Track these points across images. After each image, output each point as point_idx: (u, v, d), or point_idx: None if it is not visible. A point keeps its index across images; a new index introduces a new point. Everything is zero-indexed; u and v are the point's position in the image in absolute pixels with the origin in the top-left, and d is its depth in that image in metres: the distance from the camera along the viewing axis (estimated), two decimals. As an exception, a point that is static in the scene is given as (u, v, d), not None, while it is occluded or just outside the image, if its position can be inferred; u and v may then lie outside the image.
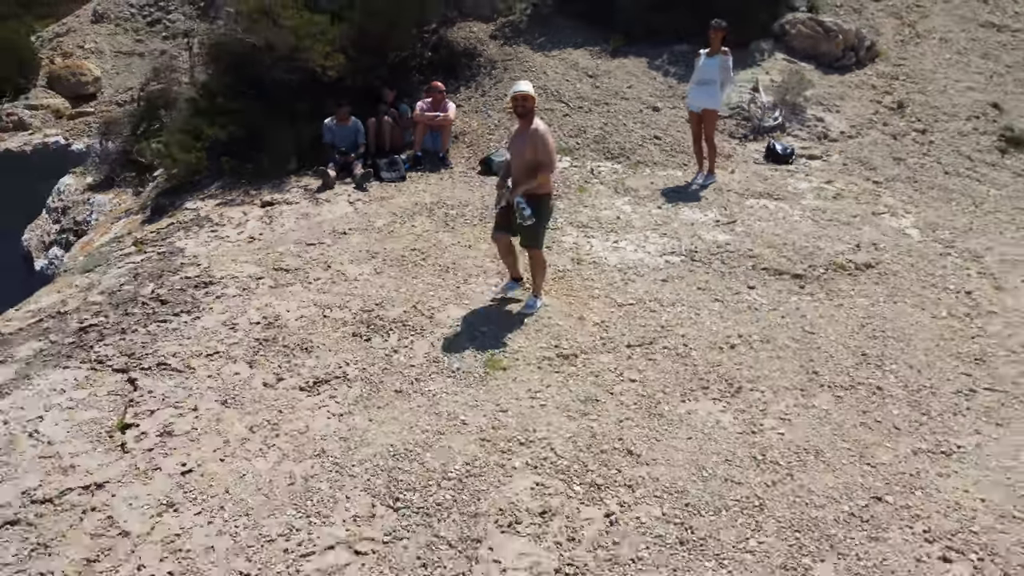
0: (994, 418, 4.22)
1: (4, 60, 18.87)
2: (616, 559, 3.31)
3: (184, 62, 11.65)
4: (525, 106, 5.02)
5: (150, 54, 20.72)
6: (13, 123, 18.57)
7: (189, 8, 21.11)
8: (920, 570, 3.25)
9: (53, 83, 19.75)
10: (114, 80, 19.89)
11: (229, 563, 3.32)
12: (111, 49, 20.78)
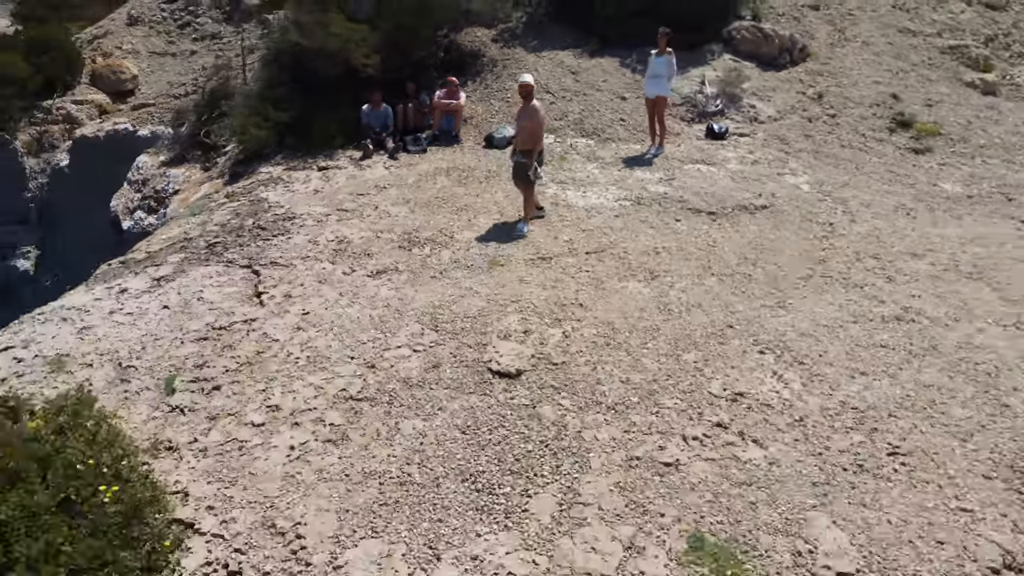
0: (816, 290, 6.68)
1: (54, 60, 21.52)
2: (567, 351, 5.76)
3: (237, 62, 14.09)
4: (527, 91, 7.52)
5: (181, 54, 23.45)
6: (63, 116, 21.28)
7: (216, 12, 23.80)
8: (746, 357, 5.70)
9: (95, 80, 22.47)
10: (150, 78, 22.59)
11: (340, 353, 5.78)
12: (146, 50, 23.47)
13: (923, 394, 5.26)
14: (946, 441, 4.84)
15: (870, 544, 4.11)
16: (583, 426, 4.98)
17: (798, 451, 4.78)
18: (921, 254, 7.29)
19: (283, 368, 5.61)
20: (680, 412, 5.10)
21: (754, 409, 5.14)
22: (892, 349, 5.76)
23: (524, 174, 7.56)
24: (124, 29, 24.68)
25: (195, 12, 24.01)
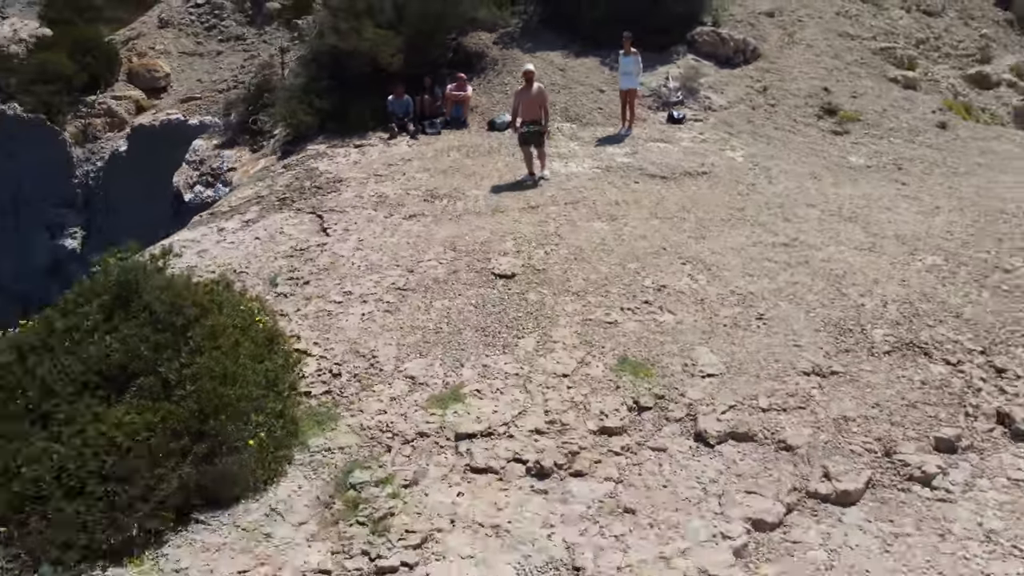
0: (730, 228, 9.29)
1: (96, 59, 24.32)
2: (546, 262, 8.36)
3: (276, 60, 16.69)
4: (529, 76, 10.16)
5: (208, 54, 26.30)
6: (104, 110, 24.09)
7: (240, 16, 26.63)
8: (671, 266, 8.29)
9: (132, 78, 25.32)
10: (180, 76, 25.40)
11: (388, 264, 8.39)
12: (176, 50, 26.31)
13: (789, 288, 7.87)
14: (797, 312, 7.45)
15: (732, 361, 6.72)
16: (555, 303, 7.59)
17: (696, 316, 7.39)
18: (815, 205, 9.91)
19: (350, 272, 8.23)
20: (621, 295, 7.72)
21: (671, 295, 7.75)
22: (775, 262, 8.37)
23: (538, 137, 10.22)
24: (155, 31, 27.51)
25: (220, 15, 26.87)
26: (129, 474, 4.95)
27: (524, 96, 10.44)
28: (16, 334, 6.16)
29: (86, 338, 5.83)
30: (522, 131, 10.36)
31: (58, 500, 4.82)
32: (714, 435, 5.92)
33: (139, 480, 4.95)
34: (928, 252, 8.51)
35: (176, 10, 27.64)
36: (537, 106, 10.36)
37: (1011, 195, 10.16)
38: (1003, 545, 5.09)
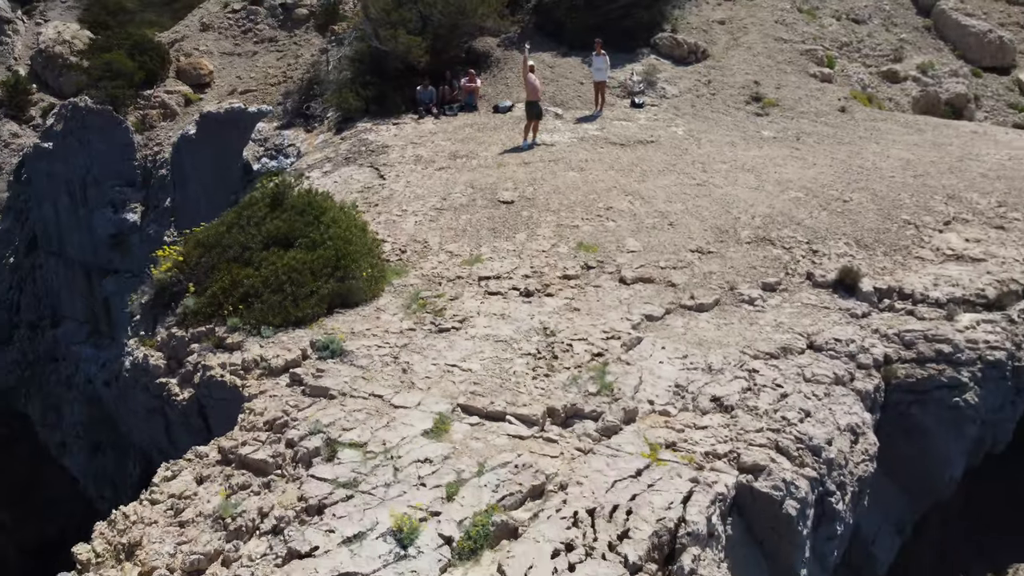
0: (663, 176, 13.70)
1: (151, 59, 28.77)
2: (534, 195, 12.77)
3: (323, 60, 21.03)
4: (532, 67, 14.61)
5: (245, 53, 30.78)
6: (158, 103, 28.54)
7: (272, 20, 31.12)
8: (619, 197, 12.69)
9: (180, 75, 29.84)
10: (222, 73, 29.94)
11: (429, 195, 12.80)
12: (217, 50, 30.83)
13: (693, 209, 12.27)
14: (694, 221, 11.85)
15: (647, 245, 11.11)
16: (539, 216, 12.00)
17: (628, 223, 11.79)
18: (727, 162, 14.33)
19: (403, 199, 12.65)
20: (582, 212, 12.12)
21: (615, 212, 12.15)
22: (688, 195, 12.78)
23: (536, 112, 14.63)
24: (198, 34, 32.17)
25: (254, 20, 31.47)
26: (301, 284, 9.35)
27: (530, 84, 14.88)
28: (219, 220, 10.57)
29: (260, 222, 10.24)
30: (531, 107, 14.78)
31: (267, 295, 9.22)
32: (629, 279, 10.33)
33: (307, 287, 9.34)
34: (795, 190, 12.93)
35: (215, 15, 32.25)
36: (536, 90, 14.76)
37: (871, 157, 14.59)
38: (783, 327, 9.50)
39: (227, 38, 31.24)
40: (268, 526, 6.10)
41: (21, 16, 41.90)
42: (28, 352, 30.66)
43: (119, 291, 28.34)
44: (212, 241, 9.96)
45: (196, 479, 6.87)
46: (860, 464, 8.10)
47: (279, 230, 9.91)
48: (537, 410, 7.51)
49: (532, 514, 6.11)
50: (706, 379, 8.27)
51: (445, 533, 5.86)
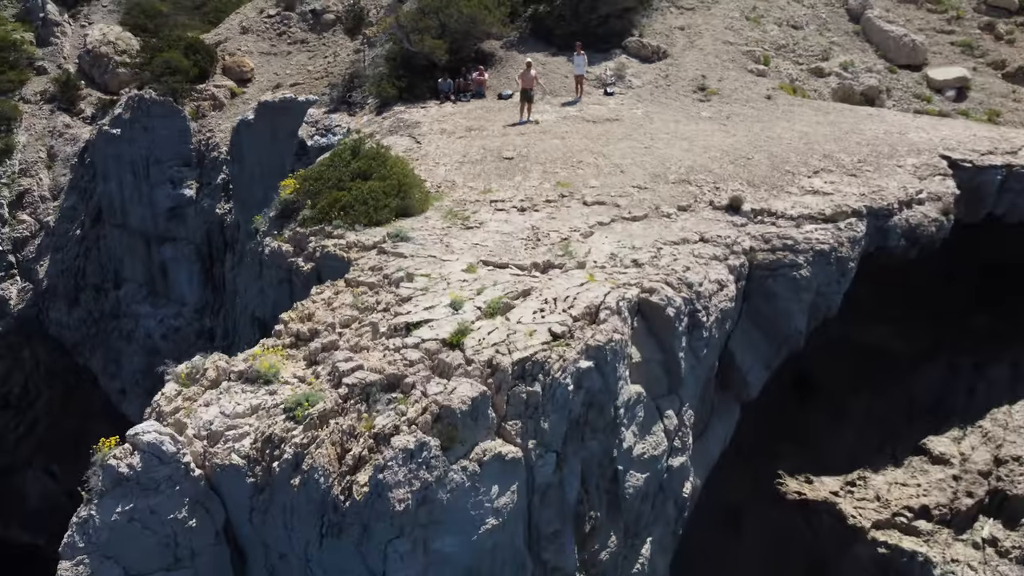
0: (622, 142, 19.60)
1: (201, 58, 34.71)
2: (528, 152, 18.66)
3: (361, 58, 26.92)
4: (529, 64, 20.63)
5: (281, 53, 36.77)
6: (209, 96, 34.47)
7: (303, 24, 37.06)
8: (588, 155, 18.59)
9: (226, 71, 35.84)
10: (261, 70, 35.91)
11: (453, 152, 18.70)
12: (257, 51, 36.82)
13: (640, 163, 18.13)
14: (639, 170, 17.71)
15: (603, 185, 16.98)
16: (531, 167, 17.86)
17: (593, 172, 17.65)
18: (670, 133, 20.20)
19: (435, 156, 18.52)
20: (561, 165, 17.99)
21: (584, 164, 18.01)
22: (638, 155, 18.64)
23: (528, 97, 20.54)
24: (239, 36, 38.23)
25: (288, 24, 37.52)
26: (378, 200, 15.19)
27: (526, 75, 20.73)
28: (318, 163, 16.42)
29: (347, 164, 16.09)
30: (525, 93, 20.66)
31: (357, 206, 15.06)
32: (589, 202, 16.18)
33: (381, 202, 15.18)
34: (715, 152, 18.80)
35: (253, 20, 38.37)
36: (532, 80, 20.62)
37: (778, 131, 20.47)
38: (687, 229, 15.36)
39: (264, 40, 37.34)
40: (381, 307, 11.94)
41: (67, 19, 48.04)
42: (93, 311, 36.52)
43: (175, 256, 34.41)
44: (316, 175, 15.81)
45: (334, 292, 12.71)
46: (722, 301, 13.92)
47: (360, 168, 15.73)
48: (527, 263, 13.36)
49: (522, 300, 11.95)
50: (630, 253, 14.11)
51: (477, 305, 11.70)
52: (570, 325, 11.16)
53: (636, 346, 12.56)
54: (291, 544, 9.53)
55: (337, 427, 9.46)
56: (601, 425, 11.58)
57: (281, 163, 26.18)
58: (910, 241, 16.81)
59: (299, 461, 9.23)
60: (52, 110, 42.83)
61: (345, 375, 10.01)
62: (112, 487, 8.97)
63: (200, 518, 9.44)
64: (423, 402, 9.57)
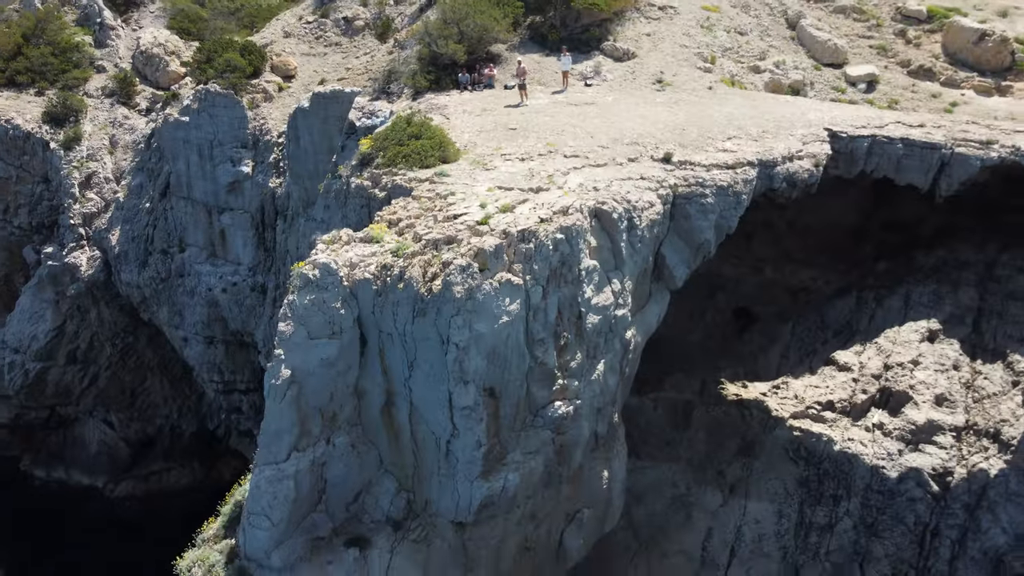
0: (596, 119, 28.48)
1: (255, 57, 43.70)
2: (527, 125, 27.54)
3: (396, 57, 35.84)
4: (521, 62, 29.67)
5: (318, 54, 45.96)
6: (260, 89, 43.57)
7: (336, 29, 46.14)
8: (568, 126, 27.45)
9: (274, 69, 45.04)
10: (303, 68, 45.05)
11: (475, 124, 27.59)
12: (298, 51, 46.01)
13: (605, 132, 26.96)
14: (604, 136, 26.54)
15: (578, 145, 25.83)
16: (529, 135, 26.68)
17: (572, 138, 26.50)
18: (631, 112, 29.04)
19: (459, 128, 27.32)
20: (550, 133, 26.84)
21: (566, 133, 26.83)
22: (604, 127, 27.43)
23: (522, 85, 29.51)
24: (282, 39, 47.37)
25: (323, 29, 46.58)
26: (427, 152, 24.00)
27: (520, 70, 29.65)
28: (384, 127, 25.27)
29: (404, 128, 24.95)
30: (519, 82, 29.54)
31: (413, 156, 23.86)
32: (567, 156, 24.98)
33: (428, 154, 23.96)
34: (662, 125, 27.68)
35: (294, 25, 47.46)
36: (525, 73, 29.55)
37: (711, 112, 29.32)
38: (634, 173, 24.24)
39: (304, 42, 46.43)
40: (436, 208, 20.70)
41: (120, 23, 57.31)
42: (160, 271, 45.40)
43: (232, 223, 43.32)
44: (383, 136, 24.59)
45: (404, 203, 21.48)
46: (650, 214, 22.68)
47: (413, 132, 24.47)
48: (525, 187, 22.15)
49: (522, 204, 20.73)
50: (592, 183, 22.88)
51: (495, 206, 20.45)
52: (551, 215, 19.97)
53: (593, 236, 21.34)
54: (395, 325, 18.29)
55: (420, 259, 18.25)
56: (570, 278, 20.33)
57: (330, 142, 35.04)
58: (790, 184, 25.58)
59: (402, 275, 18.00)
60: (112, 104, 51.90)
61: (423, 235, 18.80)
62: (303, 285, 17.70)
63: (346, 309, 18.18)
64: (468, 246, 18.34)
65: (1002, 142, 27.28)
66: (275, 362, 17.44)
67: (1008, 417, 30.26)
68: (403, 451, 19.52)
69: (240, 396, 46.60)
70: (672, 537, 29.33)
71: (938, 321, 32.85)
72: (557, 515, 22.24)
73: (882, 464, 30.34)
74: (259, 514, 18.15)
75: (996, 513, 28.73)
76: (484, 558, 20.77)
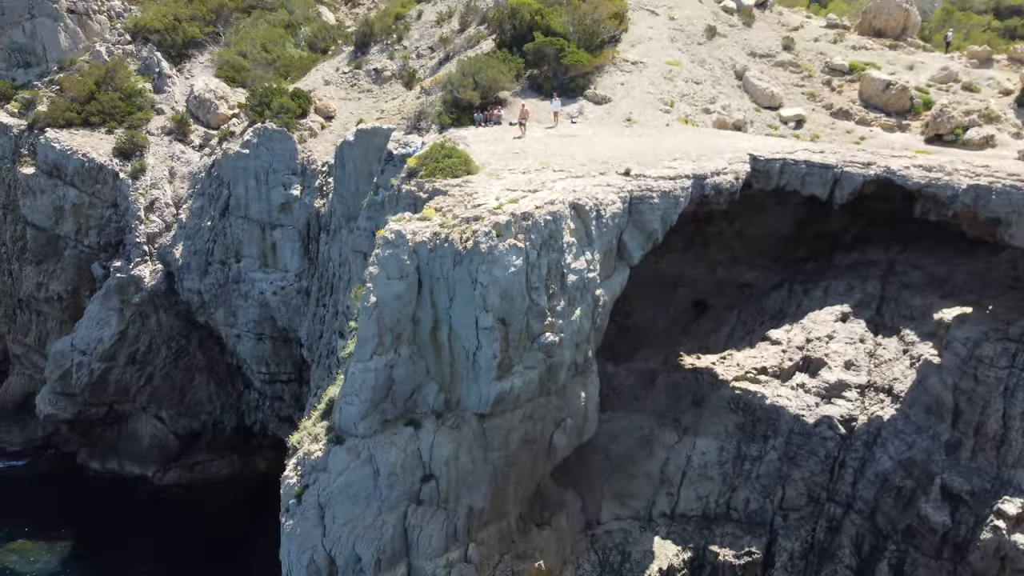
0: (578, 147, 40.69)
1: (303, 101, 56.89)
2: (526, 151, 39.76)
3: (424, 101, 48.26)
4: (523, 105, 42.12)
5: (353, 99, 59.59)
6: (307, 128, 56.67)
7: (368, 78, 59.67)
8: (559, 153, 39.61)
9: (317, 111, 58.12)
10: (341, 111, 58.41)
11: (493, 142, 39.79)
12: (337, 96, 59.63)
13: (584, 155, 39.06)
14: (583, 158, 38.59)
15: (569, 163, 38.00)
16: (528, 157, 38.80)
17: (560, 158, 38.58)
18: (604, 142, 41.14)
19: (478, 152, 39.22)
20: (543, 156, 38.97)
21: (555, 156, 38.85)
22: (585, 152, 39.47)
23: (523, 122, 41.81)
24: (323, 87, 60.40)
25: (357, 78, 59.60)
26: (457, 167, 36.02)
27: (523, 111, 41.90)
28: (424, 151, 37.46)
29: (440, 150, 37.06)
30: (521, 120, 41.77)
31: (447, 169, 35.93)
32: (555, 170, 36.96)
33: (458, 168, 36.01)
34: (626, 150, 39.71)
35: (332, 75, 60.26)
36: (527, 114, 41.79)
37: (665, 142, 41.50)
38: (603, 181, 36.32)
39: (341, 89, 59.10)
40: (465, 202, 32.62)
41: (175, 72, 70.27)
42: (219, 279, 57.26)
43: (282, 237, 55.34)
44: (424, 156, 36.52)
45: (443, 200, 33.46)
46: (613, 209, 34.57)
47: (446, 153, 36.35)
48: (526, 190, 34.10)
49: (524, 199, 32.68)
50: (571, 187, 34.82)
51: (506, 199, 32.39)
52: (543, 204, 31.88)
53: (571, 222, 33.17)
54: (441, 271, 30.02)
55: (457, 229, 30.08)
56: (555, 247, 32.06)
57: (369, 168, 47.15)
58: (717, 192, 37.46)
59: (447, 238, 29.77)
60: (170, 140, 64.50)
61: (459, 215, 30.65)
62: (384, 243, 29.41)
63: (410, 260, 29.92)
64: (488, 221, 30.16)
65: (878, 163, 39.27)
66: (366, 292, 29.06)
67: (899, 376, 41.77)
68: (443, 362, 31.05)
69: (283, 386, 58.07)
70: (638, 464, 40.59)
71: (849, 306, 44.57)
72: (548, 420, 33.65)
73: (802, 413, 41.73)
74: (351, 394, 29.64)
75: (886, 447, 40.09)
76: (497, 443, 32.11)
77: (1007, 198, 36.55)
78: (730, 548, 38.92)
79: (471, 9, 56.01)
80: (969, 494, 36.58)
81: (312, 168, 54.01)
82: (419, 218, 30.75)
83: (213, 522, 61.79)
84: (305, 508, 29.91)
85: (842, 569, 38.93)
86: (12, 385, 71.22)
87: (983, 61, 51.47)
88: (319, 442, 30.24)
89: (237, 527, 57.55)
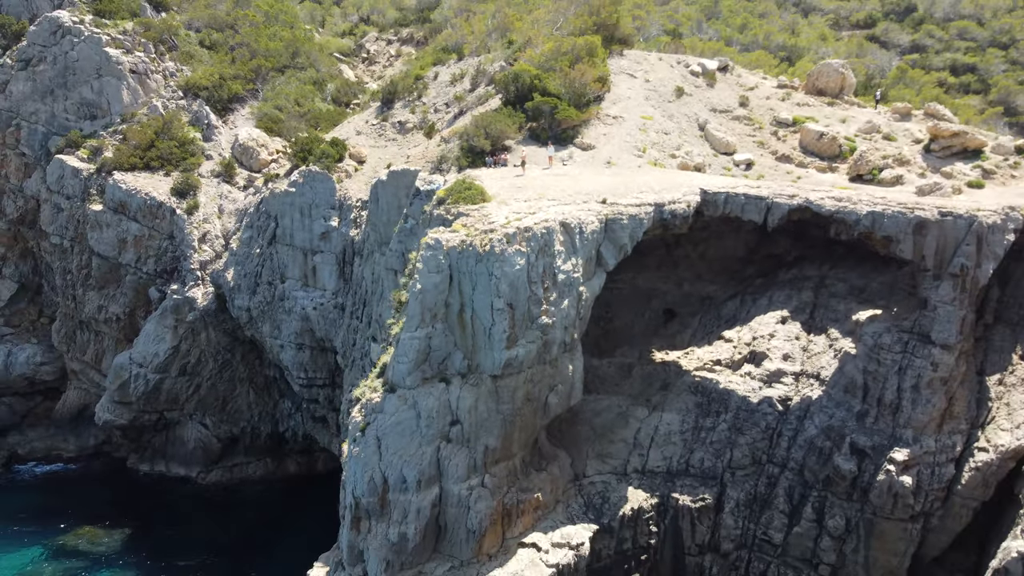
0: (569, 181, 55.62)
1: (340, 148, 73.00)
2: (525, 187, 54.76)
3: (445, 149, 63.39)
4: (522, 152, 57.32)
5: (381, 147, 76.16)
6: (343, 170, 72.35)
7: (393, 128, 76.10)
8: (554, 188, 54.55)
9: (351, 156, 74.62)
10: (370, 158, 74.73)
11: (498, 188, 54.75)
12: (367, 144, 76.16)
13: (573, 188, 53.92)
14: (572, 191, 53.44)
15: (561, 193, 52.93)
16: (528, 190, 53.71)
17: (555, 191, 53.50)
18: (588, 179, 55.92)
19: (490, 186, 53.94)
20: (540, 189, 53.89)
21: (550, 189, 53.64)
22: (573, 187, 54.26)
23: (523, 164, 56.85)
24: (355, 136, 76.84)
25: (384, 129, 75.87)
26: (475, 196, 50.89)
27: (523, 157, 56.88)
28: (449, 185, 52.49)
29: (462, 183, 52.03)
30: (522, 162, 56.76)
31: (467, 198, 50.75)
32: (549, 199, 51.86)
33: (476, 197, 50.91)
34: (604, 186, 54.52)
35: (362, 126, 75.99)
36: (524, 159, 56.75)
37: (637, 179, 56.35)
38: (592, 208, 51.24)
39: (370, 138, 74.49)
40: (483, 221, 47.41)
41: (221, 122, 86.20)
42: (266, 297, 71.77)
43: (322, 262, 70.09)
44: (449, 188, 51.16)
45: (465, 220, 48.22)
46: (591, 228, 49.25)
47: (466, 186, 50.98)
48: (527, 212, 48.92)
49: (526, 218, 47.45)
50: (561, 211, 49.52)
51: (513, 218, 47.17)
52: (539, 222, 46.61)
53: (560, 235, 47.87)
54: (466, 267, 44.55)
55: (478, 238, 44.78)
56: (548, 253, 46.53)
57: (399, 202, 62.07)
58: (674, 217, 52.08)
59: (471, 244, 44.38)
60: (218, 182, 79.63)
61: (479, 228, 45.35)
62: (426, 248, 44.09)
63: (444, 259, 44.33)
64: (499, 232, 44.85)
65: (800, 195, 54.08)
66: (412, 282, 43.60)
67: (825, 365, 56.01)
68: (467, 336, 45.41)
69: (318, 390, 72.15)
70: (616, 432, 54.65)
71: (788, 311, 58.99)
72: (544, 384, 47.92)
73: (748, 395, 55.93)
74: (402, 355, 43.97)
75: (813, 419, 54.21)
76: (506, 398, 46.33)
77: (895, 220, 51.22)
78: (688, 496, 52.72)
79: (480, 72, 71.54)
80: (871, 448, 50.55)
81: (348, 203, 68.70)
82: (450, 231, 45.45)
83: (248, 515, 75.59)
84: (367, 439, 44.01)
85: (777, 514, 52.66)
86: (69, 399, 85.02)
87: (903, 115, 66.72)
88: (377, 392, 44.51)
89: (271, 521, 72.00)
